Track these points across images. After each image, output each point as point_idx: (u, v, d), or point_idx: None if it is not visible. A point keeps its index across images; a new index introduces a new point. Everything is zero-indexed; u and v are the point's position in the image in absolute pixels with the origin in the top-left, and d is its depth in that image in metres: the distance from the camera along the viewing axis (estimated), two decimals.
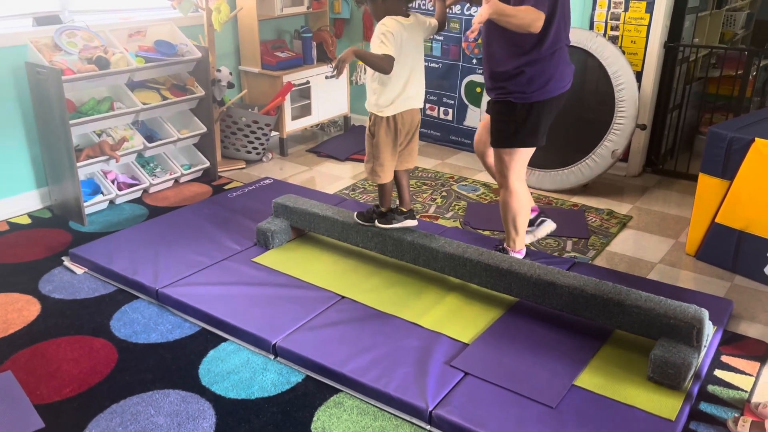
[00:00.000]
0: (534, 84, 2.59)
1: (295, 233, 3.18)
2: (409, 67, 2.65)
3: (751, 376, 2.29)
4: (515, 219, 2.83)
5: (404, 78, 2.64)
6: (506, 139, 2.70)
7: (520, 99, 2.61)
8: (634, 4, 3.88)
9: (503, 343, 2.38)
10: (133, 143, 3.63)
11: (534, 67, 2.56)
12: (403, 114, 2.69)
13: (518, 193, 2.78)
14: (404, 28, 2.57)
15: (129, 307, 2.69)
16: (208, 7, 3.91)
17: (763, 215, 2.85)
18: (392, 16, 2.57)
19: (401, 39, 2.56)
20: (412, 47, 2.64)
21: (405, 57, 2.61)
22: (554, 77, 2.62)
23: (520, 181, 2.79)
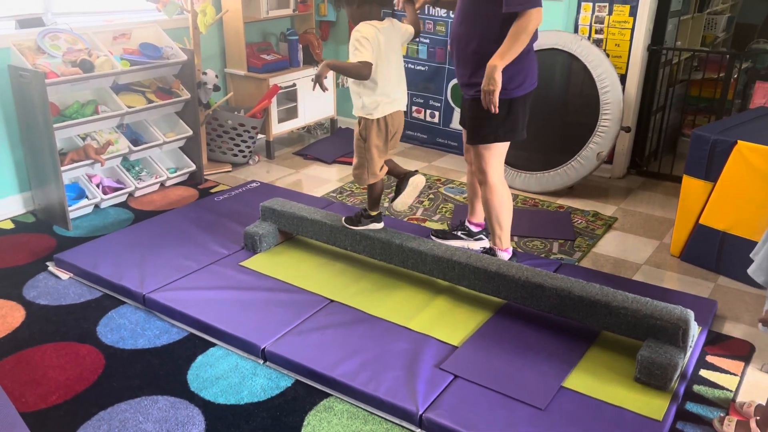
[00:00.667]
0: (514, 81, 2.63)
1: (283, 237, 3.18)
2: (392, 69, 2.67)
3: (735, 376, 2.32)
4: (498, 216, 2.84)
5: (389, 80, 2.66)
6: (488, 135, 2.73)
7: (502, 95, 2.63)
8: (618, 7, 3.92)
9: (492, 346, 2.39)
10: (118, 147, 3.60)
11: (514, 64, 2.59)
12: (392, 115, 2.71)
13: (498, 189, 2.81)
14: (380, 32, 2.59)
15: (115, 313, 2.67)
16: (193, 9, 3.89)
17: (745, 216, 2.89)
18: (367, 21, 2.58)
19: (378, 42, 2.58)
20: (391, 51, 2.66)
21: (386, 60, 2.63)
22: (530, 74, 2.69)
23: (500, 177, 2.82)
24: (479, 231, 3.18)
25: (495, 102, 2.55)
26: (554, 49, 3.86)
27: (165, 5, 3.80)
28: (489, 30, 2.58)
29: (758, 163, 2.80)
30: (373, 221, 2.87)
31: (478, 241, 3.15)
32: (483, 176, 2.81)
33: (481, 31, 2.61)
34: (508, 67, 2.57)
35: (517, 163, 4.02)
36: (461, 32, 2.70)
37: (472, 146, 2.83)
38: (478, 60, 2.61)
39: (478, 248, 3.06)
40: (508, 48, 2.50)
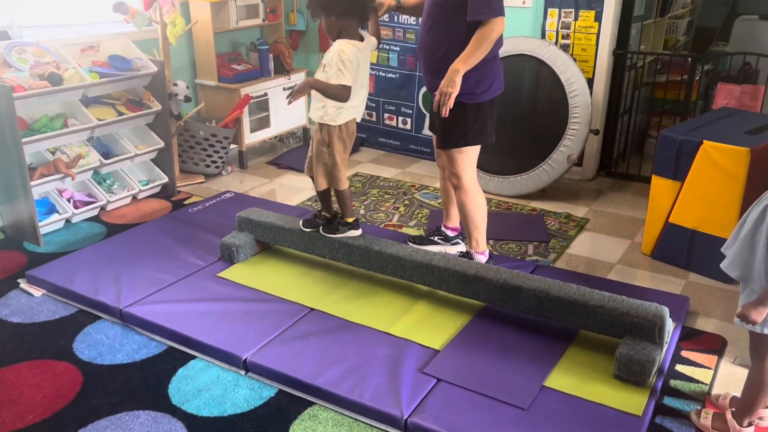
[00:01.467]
0: (481, 85, 2.69)
1: (260, 247, 3.16)
2: (360, 83, 2.71)
3: (710, 369, 2.39)
4: (474, 219, 2.88)
5: (356, 92, 2.69)
6: (459, 139, 2.76)
7: (470, 100, 2.68)
8: (584, 13, 4.01)
9: (473, 348, 2.42)
10: (88, 160, 3.54)
11: (481, 70, 2.64)
12: (349, 123, 2.75)
13: (473, 192, 2.85)
14: (360, 53, 2.63)
15: (92, 328, 2.62)
16: (162, 20, 3.86)
17: (713, 214, 2.97)
18: (349, 41, 2.59)
19: (357, 63, 2.61)
20: (364, 67, 2.71)
21: (359, 76, 2.67)
22: (496, 79, 2.75)
23: (473, 180, 2.86)
24: (456, 235, 3.21)
25: (450, 104, 2.55)
26: (523, 54, 3.93)
27: (134, 17, 3.77)
28: (455, 38, 2.62)
29: (723, 161, 2.89)
30: (351, 228, 2.88)
31: (455, 245, 3.18)
32: (457, 180, 2.85)
33: (448, 39, 2.65)
34: (474, 73, 2.61)
35: (490, 167, 4.07)
36: (428, 40, 2.74)
37: (444, 151, 2.86)
38: (446, 67, 2.62)
39: (456, 252, 3.09)
40: (470, 54, 2.54)
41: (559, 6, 4.05)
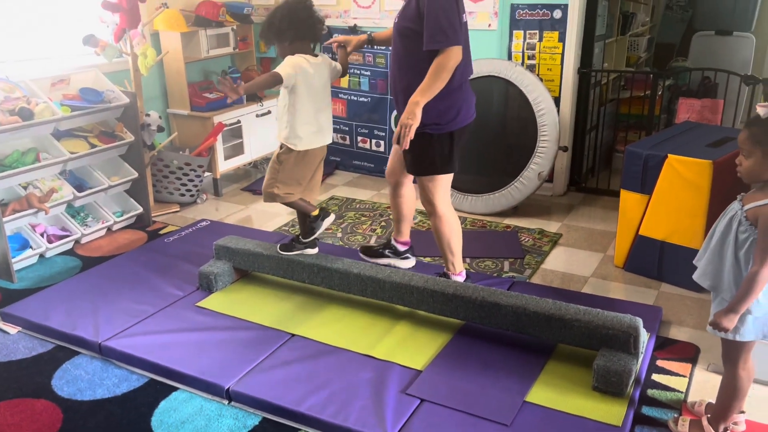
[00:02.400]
0: (447, 115, 2.68)
1: (239, 274, 3.16)
2: (319, 103, 2.76)
3: (684, 377, 2.45)
4: (449, 243, 2.91)
5: (314, 114, 2.75)
6: (426, 168, 2.78)
7: (436, 130, 2.68)
8: (548, 34, 4.12)
9: (454, 367, 2.45)
10: (62, 194, 3.52)
11: (446, 100, 2.64)
12: (315, 150, 2.81)
13: (447, 217, 2.87)
14: (310, 65, 2.69)
15: (70, 364, 2.59)
16: (133, 52, 3.88)
17: (681, 225, 3.06)
18: (299, 54, 2.69)
19: (306, 74, 2.67)
20: (320, 86, 2.76)
21: (313, 94, 2.73)
22: (464, 107, 2.73)
23: (447, 205, 2.87)
24: (405, 250, 3.24)
25: (411, 136, 2.52)
26: (491, 76, 4.02)
27: (104, 49, 3.78)
28: (418, 68, 2.60)
29: (688, 174, 2.98)
30: (308, 247, 2.93)
31: (404, 260, 3.21)
32: (431, 207, 2.85)
33: (411, 69, 2.66)
34: (438, 103, 2.59)
35: (464, 186, 4.14)
36: (395, 70, 2.80)
37: (417, 178, 2.87)
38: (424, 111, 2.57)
39: (405, 267, 3.13)
40: (429, 85, 2.52)
41: (524, 28, 4.16)
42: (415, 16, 2.56)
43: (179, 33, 4.24)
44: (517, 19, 4.16)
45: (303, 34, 2.69)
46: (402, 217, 3.18)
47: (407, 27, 2.61)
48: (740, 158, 1.93)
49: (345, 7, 4.70)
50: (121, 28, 3.80)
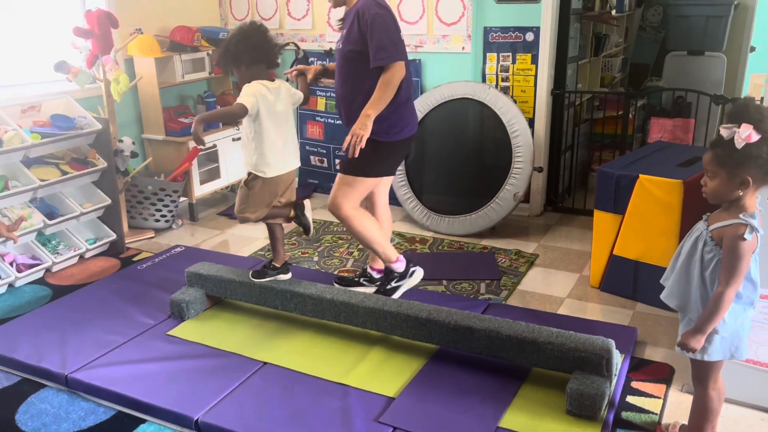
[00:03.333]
0: (396, 127, 2.81)
1: (211, 301, 3.12)
2: (283, 128, 2.79)
3: (659, 399, 2.44)
4: (370, 238, 2.94)
5: (280, 140, 2.77)
6: (358, 169, 2.84)
7: (384, 138, 2.79)
8: (521, 56, 4.16)
9: (428, 393, 2.42)
10: (31, 222, 3.47)
11: (397, 112, 2.78)
12: (282, 176, 2.82)
13: (354, 215, 2.90)
14: (269, 91, 2.71)
15: (36, 398, 2.53)
16: (105, 78, 3.86)
17: (654, 245, 3.07)
18: (258, 81, 2.71)
19: (266, 100, 2.69)
20: (282, 110, 2.78)
21: (276, 119, 2.74)
22: (410, 122, 2.87)
23: (354, 208, 2.91)
24: (380, 277, 3.22)
25: (362, 145, 2.62)
26: (465, 98, 4.04)
27: (76, 75, 3.75)
28: (368, 86, 2.72)
29: (659, 194, 3.00)
30: (280, 272, 2.93)
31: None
32: (337, 210, 2.89)
33: (361, 88, 2.76)
34: (390, 116, 2.75)
35: (441, 207, 4.14)
36: (344, 93, 2.86)
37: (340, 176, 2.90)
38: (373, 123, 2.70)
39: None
40: (378, 98, 2.66)
41: (497, 51, 4.20)
42: (358, 39, 2.70)
43: (153, 58, 4.23)
44: (491, 41, 4.20)
45: (259, 59, 2.72)
46: None
47: (352, 50, 2.74)
48: (705, 179, 1.94)
49: (320, 31, 4.72)
50: (94, 54, 3.78)
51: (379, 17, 2.64)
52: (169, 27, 4.50)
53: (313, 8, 4.70)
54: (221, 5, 5.04)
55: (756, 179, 1.82)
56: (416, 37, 4.37)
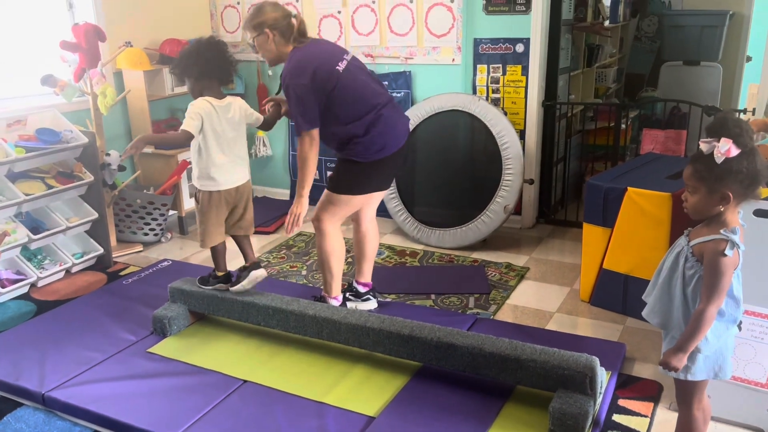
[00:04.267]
0: (370, 150, 2.78)
1: (195, 317, 3.08)
2: (228, 144, 2.81)
3: (646, 417, 2.38)
4: (330, 263, 2.97)
5: (224, 157, 2.80)
6: (341, 187, 2.86)
7: (363, 159, 2.80)
8: (511, 67, 4.13)
9: (409, 412, 2.37)
10: (16, 237, 3.44)
11: (364, 138, 2.76)
12: (230, 191, 2.85)
13: (331, 235, 2.94)
14: (215, 109, 2.76)
15: (11, 417, 2.49)
16: (93, 91, 3.84)
17: (643, 258, 3.02)
18: (205, 98, 2.76)
19: (212, 119, 2.74)
20: (229, 127, 2.81)
21: (220, 135, 2.77)
22: (388, 140, 2.80)
23: (334, 226, 2.95)
24: (366, 291, 3.20)
25: (299, 225, 2.81)
26: (455, 110, 4.02)
27: (63, 89, 3.73)
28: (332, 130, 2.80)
29: (647, 207, 2.96)
30: (219, 282, 2.97)
31: (366, 301, 3.17)
32: (318, 223, 2.94)
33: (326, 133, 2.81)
34: (359, 140, 2.75)
35: (431, 220, 4.10)
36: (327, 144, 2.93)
37: (325, 192, 2.92)
38: (343, 151, 2.85)
39: (367, 309, 3.08)
40: (301, 178, 2.80)
41: (488, 62, 4.18)
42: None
43: (142, 71, 4.22)
44: (481, 53, 4.18)
45: (208, 73, 2.76)
46: (364, 256, 3.16)
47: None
48: (686, 194, 1.89)
49: None
50: (81, 67, 3.77)
51: (290, 89, 2.69)
52: (159, 40, 4.49)
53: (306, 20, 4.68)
54: (212, 18, 5.04)
55: (737, 194, 1.78)
56: (406, 48, 4.35)
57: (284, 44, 2.77)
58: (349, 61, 2.79)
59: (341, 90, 2.71)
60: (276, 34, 2.74)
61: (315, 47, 2.79)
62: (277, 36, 2.75)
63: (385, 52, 4.44)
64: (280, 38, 2.75)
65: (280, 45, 2.77)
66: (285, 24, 2.75)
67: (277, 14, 2.75)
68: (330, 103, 2.72)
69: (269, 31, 2.74)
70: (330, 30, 4.58)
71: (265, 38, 2.76)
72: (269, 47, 2.78)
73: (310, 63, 2.69)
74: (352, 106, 2.74)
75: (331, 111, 2.74)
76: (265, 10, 2.76)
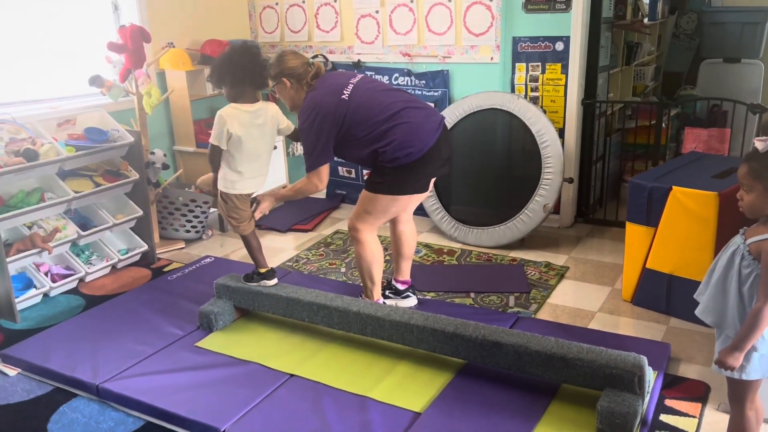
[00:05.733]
0: (398, 155, 2.78)
1: (239, 313, 3.14)
2: (254, 150, 2.87)
3: (694, 418, 2.36)
4: (370, 271, 3.01)
5: (242, 163, 2.86)
6: (375, 186, 2.89)
7: (393, 164, 2.81)
8: (550, 66, 4.12)
9: (455, 408, 2.38)
10: (66, 233, 3.54)
11: (387, 151, 2.77)
12: (247, 195, 2.94)
13: (369, 244, 2.97)
14: (241, 113, 2.81)
15: (67, 407, 2.57)
16: (138, 91, 3.93)
17: (688, 258, 2.99)
18: (233, 105, 2.82)
19: (237, 123, 2.78)
20: (258, 132, 2.86)
21: (248, 139, 2.82)
22: (413, 143, 2.78)
23: (371, 234, 2.98)
24: (406, 288, 3.22)
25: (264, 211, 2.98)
26: (494, 108, 4.02)
27: (109, 89, 3.83)
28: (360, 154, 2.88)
29: (693, 206, 2.93)
30: (264, 278, 3.01)
31: (405, 299, 3.19)
32: (355, 232, 2.97)
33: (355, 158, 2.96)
34: (382, 151, 2.77)
35: (469, 219, 4.11)
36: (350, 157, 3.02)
37: (365, 194, 2.95)
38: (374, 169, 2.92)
39: (407, 306, 3.10)
40: (289, 195, 3.01)
41: (526, 60, 4.17)
42: None
43: (185, 71, 4.30)
44: (519, 51, 4.17)
45: (242, 80, 2.80)
46: (401, 255, 3.19)
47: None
48: (741, 193, 1.88)
49: (349, 43, 4.75)
50: (126, 68, 3.86)
51: (303, 132, 2.83)
52: (200, 41, 4.58)
53: (342, 21, 4.73)
54: (251, 18, 5.11)
55: None
56: (444, 47, 4.36)
57: (300, 89, 2.88)
58: (356, 84, 2.85)
59: (352, 113, 2.79)
60: (293, 81, 2.86)
61: (322, 86, 2.86)
62: (294, 83, 2.87)
63: (423, 51, 4.46)
64: (296, 84, 2.87)
65: (298, 91, 2.89)
66: (302, 71, 2.86)
67: (296, 63, 2.87)
68: (346, 128, 2.80)
69: (287, 79, 2.86)
70: (368, 29, 4.62)
71: (284, 86, 2.89)
72: (288, 94, 2.91)
73: (318, 104, 2.80)
74: (365, 122, 2.79)
75: (350, 134, 2.81)
76: (285, 59, 2.88)
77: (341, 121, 2.78)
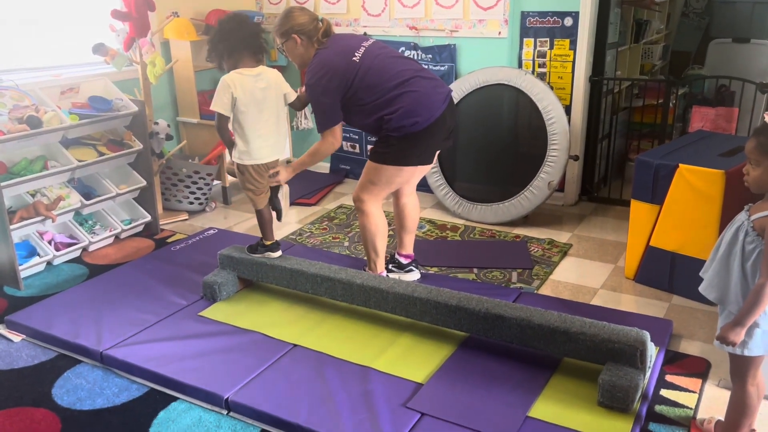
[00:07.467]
0: (404, 123, 2.76)
1: (243, 284, 3.15)
2: (264, 116, 2.81)
3: (694, 393, 2.38)
4: (374, 242, 3.01)
5: (259, 127, 2.80)
6: (380, 156, 2.87)
7: (399, 133, 2.79)
8: (558, 42, 4.08)
9: (457, 380, 2.40)
10: (69, 202, 3.53)
11: (393, 118, 2.75)
12: (267, 164, 2.89)
13: (374, 215, 2.96)
14: (244, 77, 2.75)
15: (71, 373, 2.59)
16: (142, 61, 3.90)
17: (693, 236, 2.99)
18: (236, 70, 2.75)
19: (242, 87, 2.73)
20: (262, 97, 2.79)
21: (256, 106, 2.77)
22: (420, 113, 2.76)
23: (376, 205, 2.97)
24: (409, 262, 3.22)
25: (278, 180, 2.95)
26: (501, 84, 3.98)
27: (113, 58, 3.80)
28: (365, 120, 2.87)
29: (699, 184, 2.92)
30: (268, 250, 3.01)
31: (408, 272, 3.20)
32: (360, 203, 2.97)
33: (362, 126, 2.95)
34: (388, 119, 2.76)
35: (473, 195, 4.10)
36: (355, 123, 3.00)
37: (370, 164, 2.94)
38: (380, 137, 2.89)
39: (410, 279, 3.10)
40: (302, 162, 2.95)
41: (534, 36, 4.12)
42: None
43: (189, 41, 4.26)
44: (528, 26, 4.12)
45: (234, 45, 2.75)
46: (404, 228, 3.18)
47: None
48: (747, 167, 1.87)
49: (355, 15, 4.70)
50: (131, 36, 3.82)
51: (311, 90, 2.79)
52: (205, 11, 4.53)
53: None
54: None
55: None
56: (451, 21, 4.32)
57: (310, 46, 2.84)
58: (368, 48, 2.81)
59: (362, 77, 2.76)
60: (303, 38, 2.81)
61: (333, 46, 2.82)
62: (305, 40, 2.82)
63: (430, 25, 4.41)
64: (307, 41, 2.82)
65: (308, 48, 2.84)
66: (311, 28, 2.81)
67: (305, 19, 2.82)
68: (353, 92, 2.77)
69: (297, 36, 2.81)
70: (374, 2, 4.56)
71: (294, 43, 2.83)
72: (297, 52, 2.86)
73: (329, 63, 2.76)
74: (374, 88, 2.76)
75: (356, 97, 2.78)
76: (293, 16, 2.82)
77: (349, 84, 2.75)
